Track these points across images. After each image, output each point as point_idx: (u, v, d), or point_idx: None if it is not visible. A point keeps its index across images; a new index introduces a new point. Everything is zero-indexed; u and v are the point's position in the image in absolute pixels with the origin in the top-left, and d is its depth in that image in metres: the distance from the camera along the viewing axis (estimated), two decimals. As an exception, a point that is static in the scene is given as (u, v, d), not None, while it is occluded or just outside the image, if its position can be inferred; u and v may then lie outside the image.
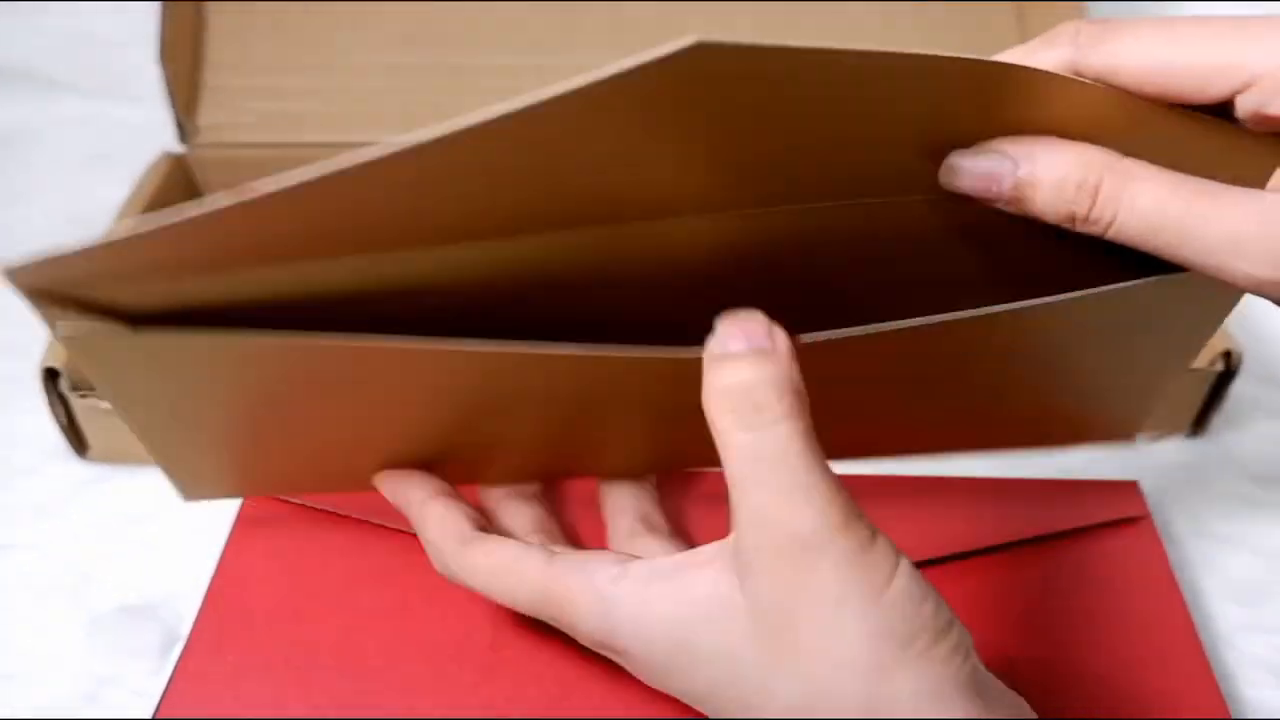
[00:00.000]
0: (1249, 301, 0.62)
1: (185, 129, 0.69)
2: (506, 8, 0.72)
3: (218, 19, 0.71)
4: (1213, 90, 0.31)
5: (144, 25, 0.66)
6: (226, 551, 0.46)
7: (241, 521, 0.47)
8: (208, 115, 0.70)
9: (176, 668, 0.42)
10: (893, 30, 0.74)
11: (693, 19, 0.72)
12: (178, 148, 0.70)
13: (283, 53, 0.71)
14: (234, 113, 0.70)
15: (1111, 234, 0.32)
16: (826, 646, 0.29)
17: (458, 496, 0.40)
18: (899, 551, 0.30)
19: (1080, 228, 0.32)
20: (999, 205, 0.33)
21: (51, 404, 0.52)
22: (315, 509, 0.47)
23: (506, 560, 0.36)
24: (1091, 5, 0.70)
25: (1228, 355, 0.54)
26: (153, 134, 0.71)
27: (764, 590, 0.30)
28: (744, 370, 0.31)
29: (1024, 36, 0.75)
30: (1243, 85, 0.30)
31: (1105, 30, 0.32)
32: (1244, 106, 0.31)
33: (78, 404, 0.52)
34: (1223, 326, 0.55)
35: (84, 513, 0.52)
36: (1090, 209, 0.32)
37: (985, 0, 0.75)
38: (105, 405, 0.51)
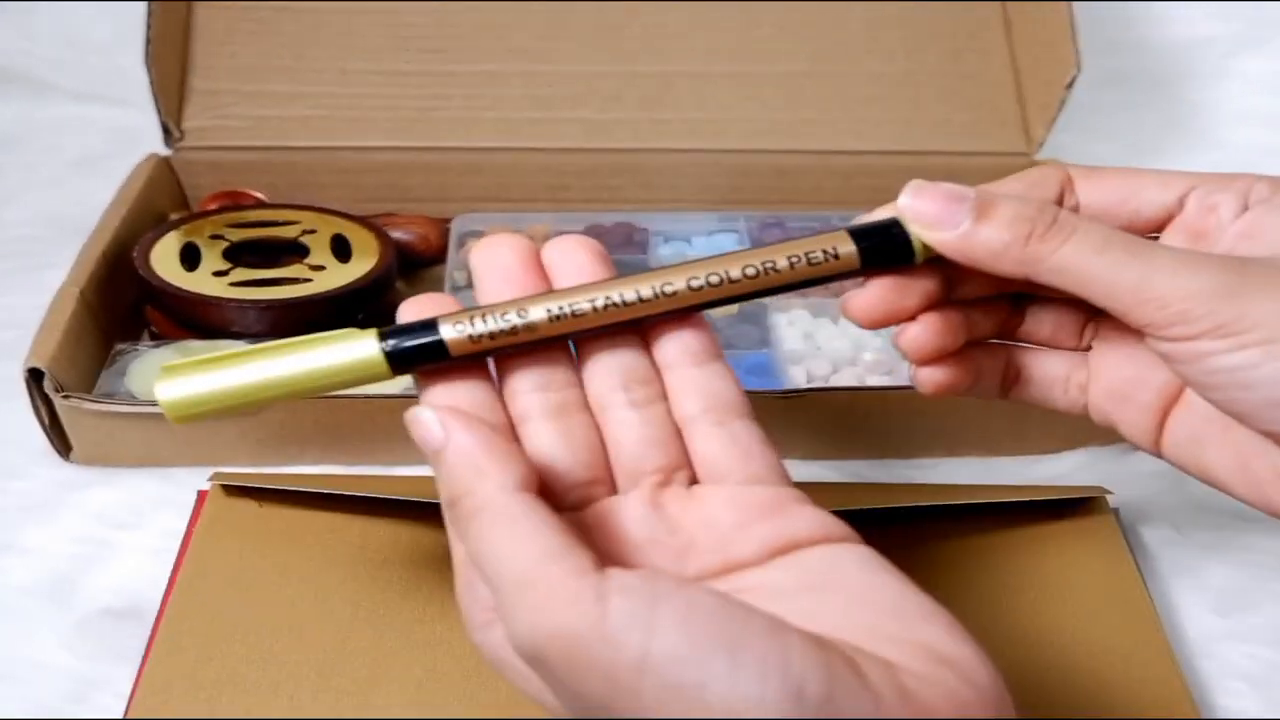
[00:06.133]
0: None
1: (171, 131, 0.69)
2: (492, 13, 0.72)
3: (204, 23, 0.71)
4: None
5: (132, 28, 0.66)
6: (187, 549, 0.47)
7: (201, 519, 0.48)
8: (194, 118, 0.70)
9: (141, 670, 0.42)
10: (878, 31, 0.75)
11: (676, 21, 0.72)
12: (164, 150, 0.70)
13: (269, 57, 0.71)
14: (220, 116, 0.70)
15: (1058, 258, 0.33)
16: None
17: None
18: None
19: (1031, 246, 0.33)
20: (951, 232, 0.34)
21: (35, 405, 0.52)
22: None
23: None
24: (1077, 5, 0.70)
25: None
26: (139, 136, 0.72)
27: None
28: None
29: (1010, 38, 0.75)
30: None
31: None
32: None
33: (61, 405, 0.51)
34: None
35: (68, 515, 0.52)
36: (1050, 226, 0.33)
37: (971, 0, 0.76)
38: (89, 406, 0.51)
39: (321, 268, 0.60)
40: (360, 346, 0.32)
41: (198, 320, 0.58)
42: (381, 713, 0.40)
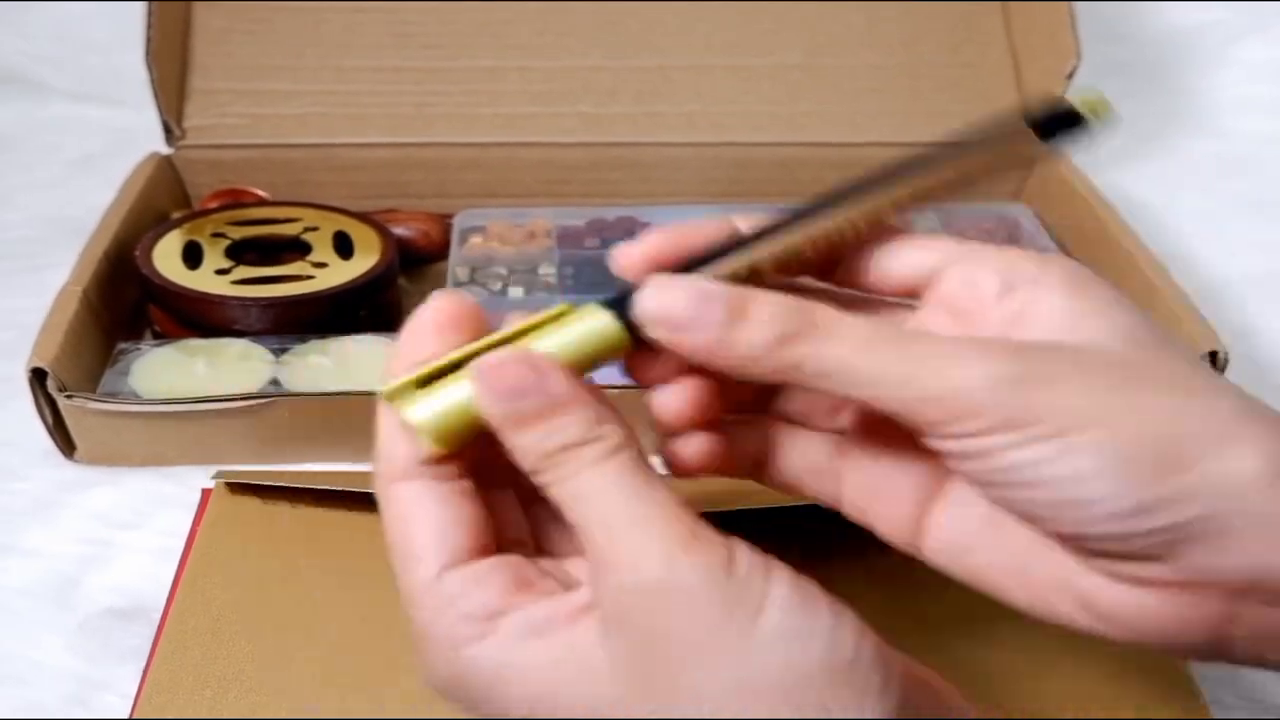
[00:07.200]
0: (1234, 301, 0.62)
1: (172, 131, 0.69)
2: (489, 9, 0.72)
3: (204, 22, 0.71)
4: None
5: (130, 28, 0.66)
6: (192, 547, 0.47)
7: (206, 517, 0.48)
8: (194, 117, 0.70)
9: (147, 669, 0.42)
10: (876, 22, 0.74)
11: (674, 16, 0.72)
12: (164, 149, 0.70)
13: (269, 55, 0.71)
14: (220, 114, 0.70)
15: (818, 361, 0.28)
16: (697, 705, 0.26)
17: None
18: (771, 569, 0.27)
19: (788, 349, 0.28)
20: (703, 336, 0.29)
21: (39, 405, 0.52)
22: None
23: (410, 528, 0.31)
24: (1078, 5, 0.70)
25: (1213, 355, 0.54)
26: (137, 136, 0.72)
27: (620, 649, 0.27)
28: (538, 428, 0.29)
29: (1009, 28, 0.75)
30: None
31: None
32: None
33: (64, 404, 0.51)
34: (1208, 326, 0.56)
35: (72, 515, 0.52)
36: (807, 327, 0.29)
37: (972, 0, 0.76)
38: (92, 406, 0.51)
39: (324, 265, 0.60)
40: (597, 321, 0.30)
41: (200, 318, 0.58)
42: (388, 711, 0.40)
